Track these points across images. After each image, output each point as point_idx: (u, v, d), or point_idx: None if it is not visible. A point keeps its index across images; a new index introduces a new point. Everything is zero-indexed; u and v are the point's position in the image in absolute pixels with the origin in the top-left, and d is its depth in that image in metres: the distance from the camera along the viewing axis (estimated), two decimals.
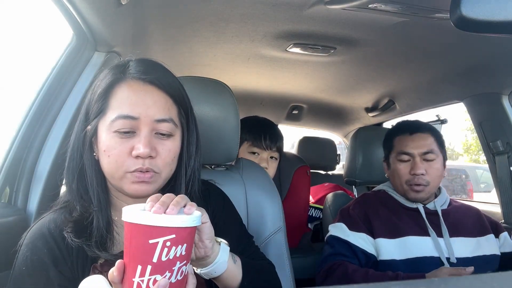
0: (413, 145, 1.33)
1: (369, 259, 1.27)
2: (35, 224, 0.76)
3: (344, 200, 1.67)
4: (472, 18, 0.50)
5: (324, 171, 2.86)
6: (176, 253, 0.51)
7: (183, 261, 0.53)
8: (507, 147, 1.63)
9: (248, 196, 1.15)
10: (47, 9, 1.09)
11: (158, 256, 0.50)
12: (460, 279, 0.31)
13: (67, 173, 0.77)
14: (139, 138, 0.70)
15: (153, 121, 0.71)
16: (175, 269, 0.51)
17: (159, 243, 0.50)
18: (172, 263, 0.51)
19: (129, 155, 0.70)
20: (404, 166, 1.34)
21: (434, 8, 1.08)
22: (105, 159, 0.71)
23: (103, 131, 0.71)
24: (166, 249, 0.50)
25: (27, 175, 1.09)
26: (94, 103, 0.73)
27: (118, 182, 0.72)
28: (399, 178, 1.35)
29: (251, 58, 1.74)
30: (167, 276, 0.51)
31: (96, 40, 1.20)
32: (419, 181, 1.30)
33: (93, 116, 0.73)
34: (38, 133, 1.12)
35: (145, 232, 0.51)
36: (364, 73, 1.87)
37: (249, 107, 2.71)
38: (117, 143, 0.70)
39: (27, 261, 0.71)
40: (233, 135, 1.12)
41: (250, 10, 1.26)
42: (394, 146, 1.39)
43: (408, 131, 1.37)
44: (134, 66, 0.75)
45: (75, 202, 0.75)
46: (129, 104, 0.70)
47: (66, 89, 1.18)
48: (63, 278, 0.71)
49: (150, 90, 0.73)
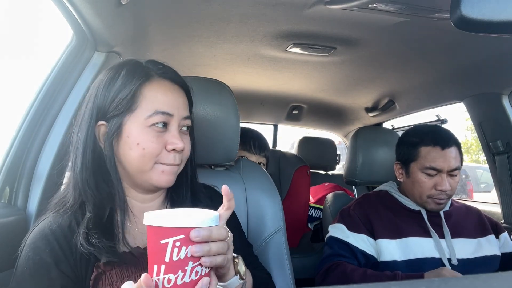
0: (444, 161, 1.26)
1: (369, 260, 1.27)
2: (37, 226, 0.76)
3: (344, 200, 1.67)
4: (472, 18, 0.50)
5: (324, 171, 2.86)
6: (187, 253, 0.52)
7: (196, 261, 0.53)
8: (507, 147, 1.63)
9: (248, 196, 1.15)
10: (47, 9, 1.09)
11: (170, 256, 0.52)
12: (460, 279, 0.31)
13: (81, 173, 0.76)
14: (172, 133, 0.77)
15: (182, 118, 0.79)
16: (188, 269, 0.53)
17: (169, 243, 0.52)
18: (184, 263, 0.52)
19: (163, 148, 0.76)
20: (429, 180, 1.27)
21: (434, 8, 1.08)
22: (137, 152, 0.75)
23: (134, 126, 0.75)
24: (176, 249, 0.52)
25: (27, 175, 1.09)
26: (119, 101, 0.75)
27: (147, 173, 0.77)
28: (421, 190, 1.29)
29: (251, 58, 1.74)
30: (179, 276, 0.52)
31: (96, 40, 1.20)
32: (443, 196, 1.27)
33: (116, 113, 0.75)
34: (38, 133, 1.12)
35: (156, 233, 0.53)
36: (364, 73, 1.87)
37: (249, 107, 2.71)
38: (154, 137, 0.75)
39: (29, 261, 0.71)
40: (233, 135, 1.12)
41: (250, 10, 1.26)
42: (421, 157, 1.29)
43: (440, 145, 1.27)
44: (155, 66, 0.80)
45: (89, 201, 0.75)
46: (164, 101, 0.76)
47: (66, 89, 1.18)
48: (65, 278, 0.71)
49: (176, 90, 0.80)
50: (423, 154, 1.29)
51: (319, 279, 1.28)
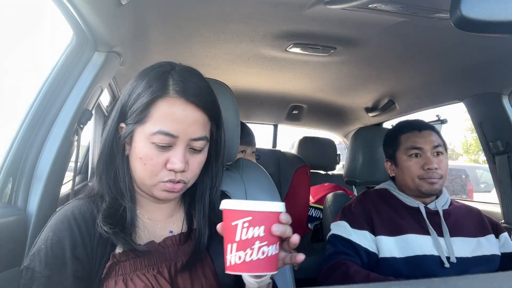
0: (423, 140, 1.34)
1: (372, 257, 1.27)
2: (61, 208, 0.79)
3: (344, 200, 1.67)
4: (472, 18, 0.50)
5: (324, 171, 2.86)
6: (254, 233, 0.60)
7: (263, 241, 0.61)
8: (507, 147, 1.63)
9: (248, 196, 1.15)
10: (47, 9, 1.09)
11: (240, 235, 0.60)
12: (460, 279, 0.31)
13: (98, 165, 0.80)
14: (175, 152, 0.74)
15: (190, 140, 0.75)
16: (255, 248, 0.60)
17: (238, 224, 0.60)
18: (251, 242, 0.60)
19: (163, 166, 0.75)
20: (416, 162, 1.33)
21: (434, 8, 1.08)
22: (139, 166, 0.76)
23: (140, 139, 0.75)
24: (245, 230, 0.60)
25: (27, 175, 1.09)
26: (134, 109, 0.75)
27: (149, 187, 0.77)
28: (410, 174, 1.34)
29: (251, 58, 1.74)
30: (248, 253, 0.60)
31: (96, 40, 1.20)
32: (434, 175, 1.30)
33: (131, 121, 0.76)
34: (38, 133, 1.12)
35: (228, 216, 0.62)
36: (364, 73, 1.87)
37: (249, 107, 2.71)
38: (154, 155, 0.74)
39: (47, 241, 0.73)
40: (233, 135, 1.12)
41: (250, 10, 1.26)
42: (401, 143, 1.38)
43: (416, 128, 1.37)
44: (177, 80, 0.76)
45: (104, 193, 0.78)
46: (171, 120, 0.73)
47: (66, 89, 1.18)
48: (78, 263, 0.72)
49: (191, 109, 0.75)
50: (403, 140, 1.39)
51: (321, 278, 1.28)
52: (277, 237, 0.62)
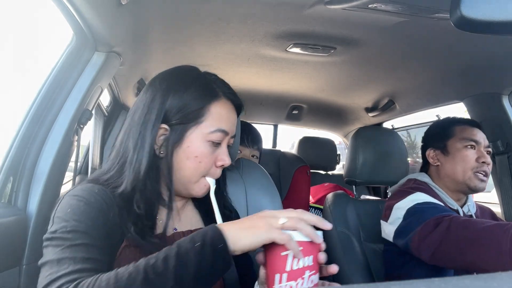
0: (479, 136, 1.34)
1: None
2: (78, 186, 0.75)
3: (344, 200, 1.67)
4: (472, 18, 0.50)
5: (324, 171, 2.86)
6: (304, 263, 0.61)
7: (312, 270, 0.62)
8: (507, 147, 1.63)
9: (248, 196, 1.15)
10: (47, 9, 1.09)
11: (290, 266, 0.61)
12: (460, 279, 0.31)
13: (137, 166, 0.76)
14: (222, 150, 0.83)
15: (231, 137, 0.85)
16: (305, 277, 0.61)
17: (289, 254, 0.61)
18: (301, 272, 0.61)
19: (213, 164, 0.82)
20: (472, 153, 1.32)
21: (434, 8, 1.08)
22: (192, 164, 0.79)
23: (196, 138, 0.79)
24: (296, 260, 0.61)
25: (27, 175, 1.09)
26: (187, 111, 0.79)
27: (191, 184, 0.81)
28: (464, 164, 1.31)
29: (251, 58, 1.74)
30: (299, 283, 0.61)
31: (96, 40, 1.20)
32: (486, 170, 1.30)
33: (181, 121, 0.79)
34: (38, 133, 1.12)
35: (275, 246, 0.62)
36: (364, 73, 1.87)
37: (249, 107, 2.71)
38: (209, 152, 0.80)
39: (73, 200, 0.69)
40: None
41: (250, 10, 1.26)
42: (456, 133, 1.36)
43: (470, 124, 1.38)
44: (224, 87, 0.86)
45: (141, 195, 0.75)
46: (225, 121, 0.82)
47: (66, 89, 1.18)
48: (104, 229, 0.69)
49: (233, 111, 0.87)
50: (458, 131, 1.36)
51: (424, 230, 1.10)
52: (317, 263, 0.64)
